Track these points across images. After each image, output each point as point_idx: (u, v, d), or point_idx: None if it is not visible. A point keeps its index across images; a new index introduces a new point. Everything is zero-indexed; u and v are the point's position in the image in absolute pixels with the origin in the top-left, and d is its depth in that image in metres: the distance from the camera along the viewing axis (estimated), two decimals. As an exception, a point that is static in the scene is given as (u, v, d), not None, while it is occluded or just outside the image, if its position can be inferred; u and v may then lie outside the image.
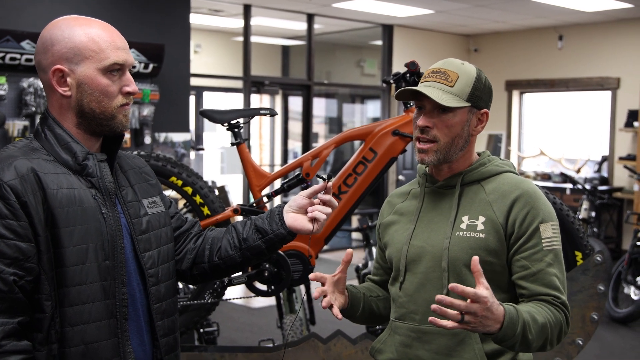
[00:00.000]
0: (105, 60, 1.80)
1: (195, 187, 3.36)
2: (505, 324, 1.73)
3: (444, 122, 1.96)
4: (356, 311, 2.11)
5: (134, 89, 1.86)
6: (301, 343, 3.29)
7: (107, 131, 1.86)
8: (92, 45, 1.79)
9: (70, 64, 1.79)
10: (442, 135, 1.97)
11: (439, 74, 1.98)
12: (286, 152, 11.17)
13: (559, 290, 1.92)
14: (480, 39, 11.47)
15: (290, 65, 11.86)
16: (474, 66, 2.02)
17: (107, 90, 1.82)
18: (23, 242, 1.67)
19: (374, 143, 3.37)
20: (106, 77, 1.81)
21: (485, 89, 2.00)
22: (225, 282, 3.34)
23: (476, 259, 1.71)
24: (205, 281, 2.15)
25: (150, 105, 6.12)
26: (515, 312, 1.77)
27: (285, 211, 2.00)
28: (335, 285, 2.01)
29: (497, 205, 1.96)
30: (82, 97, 1.81)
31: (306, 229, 1.97)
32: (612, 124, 10.07)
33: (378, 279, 2.26)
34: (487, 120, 2.03)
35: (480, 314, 1.67)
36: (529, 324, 1.79)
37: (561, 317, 1.90)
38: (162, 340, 1.91)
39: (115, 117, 1.84)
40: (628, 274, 6.63)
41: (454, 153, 2.00)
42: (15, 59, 5.39)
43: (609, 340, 6.13)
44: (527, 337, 1.79)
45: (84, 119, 1.83)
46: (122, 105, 1.85)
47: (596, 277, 3.23)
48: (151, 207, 1.95)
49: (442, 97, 1.93)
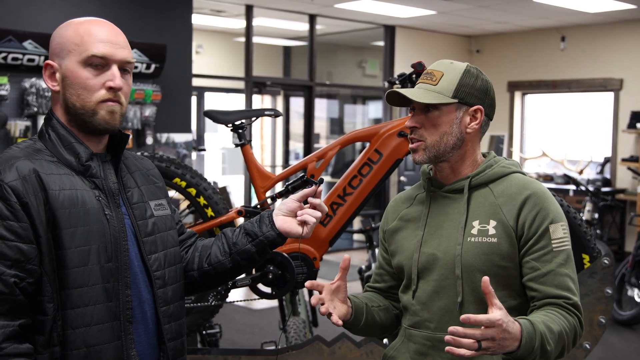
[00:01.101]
0: (84, 52, 1.77)
1: (199, 189, 3.33)
2: (523, 340, 1.69)
3: (430, 120, 1.96)
4: (359, 322, 2.05)
5: (117, 84, 1.78)
6: (305, 346, 3.26)
7: (92, 128, 1.80)
8: (75, 38, 1.78)
9: (58, 59, 1.80)
10: (428, 134, 1.96)
11: (426, 75, 2.00)
12: (287, 153, 11.15)
13: (570, 291, 1.88)
14: (482, 40, 11.44)
15: (291, 66, 11.84)
16: (467, 64, 2.01)
17: (86, 84, 1.77)
18: (24, 244, 1.65)
19: (380, 144, 3.34)
20: (86, 70, 1.77)
21: (477, 84, 1.97)
22: (229, 284, 3.31)
23: (486, 279, 1.67)
24: (195, 292, 2.10)
25: (152, 106, 6.09)
26: (532, 327, 1.73)
27: (275, 214, 1.99)
28: (335, 294, 1.97)
29: (507, 208, 1.93)
30: (65, 92, 1.80)
31: (296, 232, 1.96)
32: (614, 126, 10.05)
33: (382, 285, 2.21)
34: (482, 117, 1.99)
35: (497, 337, 1.63)
36: (546, 335, 1.75)
37: (575, 321, 1.86)
38: (169, 344, 1.88)
39: (97, 113, 1.78)
40: (632, 276, 6.60)
41: (446, 152, 1.97)
42: (17, 59, 5.36)
43: (613, 343, 6.10)
44: (546, 349, 1.75)
45: (70, 115, 1.80)
46: (103, 100, 1.78)
47: (604, 280, 3.20)
48: (157, 210, 1.93)
49: (421, 95, 1.93)
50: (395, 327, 2.20)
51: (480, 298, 1.90)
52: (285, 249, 3.31)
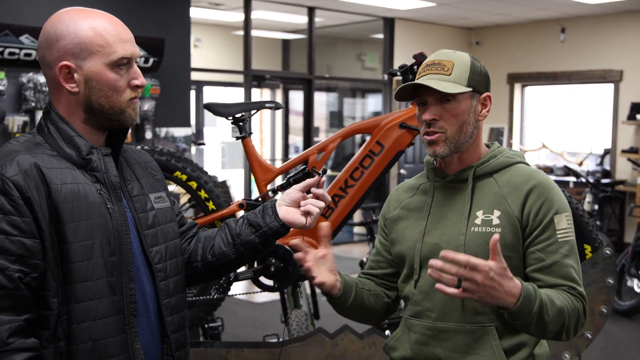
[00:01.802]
0: (112, 54, 1.76)
1: (200, 182, 3.33)
2: (521, 299, 1.72)
3: (449, 111, 1.94)
4: (347, 299, 2.03)
5: (142, 82, 1.82)
6: (308, 338, 3.27)
7: (117, 125, 1.83)
8: (98, 39, 1.75)
9: (77, 60, 1.75)
10: (449, 125, 1.95)
11: (434, 65, 1.97)
12: (287, 147, 11.14)
13: (575, 281, 1.89)
14: (482, 32, 11.43)
15: (291, 59, 11.82)
16: (467, 53, 2.01)
17: (116, 85, 1.78)
18: (27, 239, 1.65)
19: (381, 136, 3.33)
20: (114, 71, 1.77)
21: (482, 73, 1.99)
22: (232, 277, 3.31)
23: (496, 237, 1.68)
24: (199, 282, 2.10)
25: (151, 100, 6.09)
26: (534, 291, 1.76)
27: (278, 205, 1.98)
28: (322, 263, 1.97)
29: (512, 198, 1.94)
30: (90, 93, 1.77)
31: (299, 222, 1.95)
32: (614, 117, 10.04)
33: (378, 272, 2.19)
34: (490, 103, 2.01)
35: (481, 282, 1.65)
36: (546, 304, 1.77)
37: (579, 305, 1.87)
38: (172, 336, 1.88)
39: (125, 112, 1.81)
40: (631, 266, 6.61)
41: (464, 141, 1.97)
42: (14, 53, 5.35)
43: (613, 333, 6.11)
44: (544, 318, 1.77)
45: (93, 115, 1.80)
46: (131, 99, 1.81)
47: (605, 271, 3.21)
48: (157, 202, 1.92)
49: (444, 86, 1.91)
50: (385, 317, 2.20)
51: None
52: (287, 242, 3.31)
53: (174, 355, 1.88)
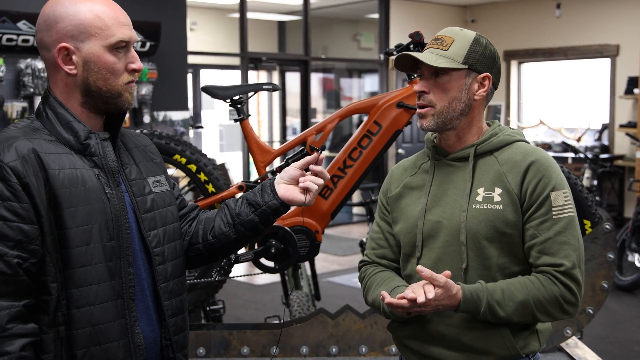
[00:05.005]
0: (111, 37, 1.77)
1: (199, 165, 3.33)
2: (461, 305, 1.85)
3: (439, 85, 1.96)
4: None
5: (139, 66, 1.83)
6: (310, 319, 3.27)
7: (113, 109, 1.83)
8: (97, 22, 1.76)
9: (75, 42, 1.76)
10: (437, 99, 1.96)
11: (436, 40, 2.00)
12: (284, 128, 11.11)
13: (566, 258, 1.87)
14: (477, 10, 11.38)
15: (286, 41, 11.77)
16: (476, 32, 2.01)
17: (114, 68, 1.78)
18: (26, 224, 1.64)
19: (379, 116, 3.32)
20: (112, 54, 1.78)
21: (486, 52, 1.98)
22: (232, 259, 3.32)
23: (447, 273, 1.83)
24: (202, 264, 2.10)
25: (149, 84, 6.06)
26: (482, 292, 1.87)
27: (277, 183, 1.98)
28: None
29: (512, 175, 1.94)
30: (88, 76, 1.77)
31: (298, 200, 1.95)
32: (612, 92, 10.02)
33: (388, 251, 2.12)
34: (490, 84, 1.99)
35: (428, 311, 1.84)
36: (498, 303, 1.86)
37: (557, 289, 1.86)
38: (170, 320, 1.88)
39: (122, 95, 1.81)
40: (632, 241, 6.62)
41: (454, 118, 1.97)
42: (12, 39, 5.31)
43: (614, 308, 6.14)
44: (499, 315, 1.87)
45: (90, 97, 1.80)
46: (128, 82, 1.82)
47: (605, 245, 3.21)
48: (156, 186, 1.92)
49: (433, 59, 1.93)
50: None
51: (485, 264, 1.92)
52: (287, 223, 3.31)
53: (172, 339, 1.89)
